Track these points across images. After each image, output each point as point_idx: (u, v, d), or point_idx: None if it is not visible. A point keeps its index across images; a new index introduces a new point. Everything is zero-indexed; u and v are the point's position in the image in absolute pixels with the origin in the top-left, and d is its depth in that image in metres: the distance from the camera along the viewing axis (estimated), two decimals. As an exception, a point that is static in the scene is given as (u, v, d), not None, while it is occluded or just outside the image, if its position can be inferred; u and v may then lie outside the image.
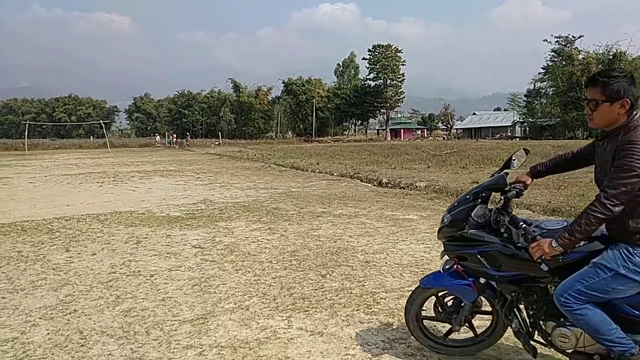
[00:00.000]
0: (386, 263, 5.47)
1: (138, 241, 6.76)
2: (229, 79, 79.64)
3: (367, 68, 73.80)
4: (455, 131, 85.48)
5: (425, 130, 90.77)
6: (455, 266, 3.02)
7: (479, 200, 2.97)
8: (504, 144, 35.25)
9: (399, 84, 73.96)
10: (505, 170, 3.08)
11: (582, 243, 2.56)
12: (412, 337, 3.37)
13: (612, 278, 2.44)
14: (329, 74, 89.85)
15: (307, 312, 4.11)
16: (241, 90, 76.77)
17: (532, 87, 63.50)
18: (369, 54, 72.85)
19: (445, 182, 12.31)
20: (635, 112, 2.44)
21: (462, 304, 3.11)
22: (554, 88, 57.21)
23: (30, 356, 3.38)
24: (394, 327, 3.59)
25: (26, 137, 46.50)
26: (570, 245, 2.46)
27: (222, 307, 4.24)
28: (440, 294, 3.26)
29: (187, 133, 63.02)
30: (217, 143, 52.60)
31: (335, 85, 79.58)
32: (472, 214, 2.91)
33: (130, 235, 7.12)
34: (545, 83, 60.41)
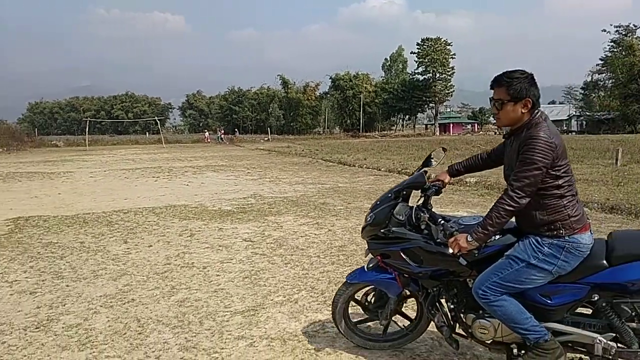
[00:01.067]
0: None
1: (191, 234, 6.98)
2: (278, 75, 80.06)
3: (416, 62, 72.64)
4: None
5: (476, 125, 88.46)
6: (379, 263, 3.10)
7: (400, 198, 3.03)
8: (560, 138, 33.84)
9: (449, 77, 72.38)
10: (425, 169, 3.19)
11: (496, 237, 2.68)
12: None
13: (525, 268, 2.58)
14: (376, 69, 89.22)
15: (355, 307, 4.13)
16: (289, 86, 77.29)
17: (589, 79, 60.85)
18: (417, 48, 71.69)
19: (496, 178, 11.97)
20: (536, 111, 2.60)
21: (388, 298, 3.19)
22: (613, 80, 54.61)
23: (93, 342, 3.58)
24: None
25: (87, 133, 48.76)
26: (484, 239, 2.58)
27: (271, 300, 4.33)
28: (366, 289, 3.35)
29: (235, 129, 64.14)
30: (266, 139, 53.32)
31: (383, 79, 78.74)
32: (394, 212, 2.97)
33: (184, 228, 7.37)
34: (603, 75, 57.71)
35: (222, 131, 57.36)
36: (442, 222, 2.85)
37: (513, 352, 2.77)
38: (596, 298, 2.60)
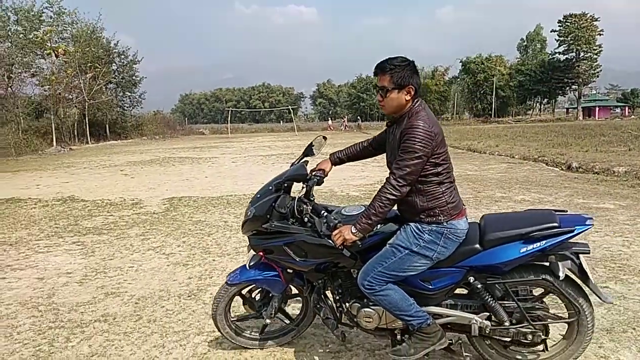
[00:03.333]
0: (575, 255, 5.05)
1: (321, 218, 7.28)
2: (406, 61, 78.61)
3: (557, 40, 66.56)
4: (668, 108, 72.69)
5: (627, 108, 78.86)
6: (261, 260, 3.01)
7: (282, 190, 2.92)
8: None
9: (595, 56, 65.23)
10: (306, 158, 3.13)
11: (379, 226, 2.69)
12: None
13: (408, 256, 2.61)
14: (511, 50, 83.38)
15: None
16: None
17: None
18: (558, 25, 65.64)
19: (652, 167, 10.69)
20: (417, 100, 2.63)
21: (272, 296, 3.11)
22: None
23: (236, 312, 3.91)
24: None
25: (229, 122, 52.76)
26: (368, 229, 2.58)
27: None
28: (248, 288, 3.23)
29: (358, 117, 64.67)
30: (392, 125, 52.96)
31: (518, 61, 73.55)
32: (276, 205, 2.86)
33: (314, 212, 7.71)
34: None
35: (345, 119, 58.40)
36: (325, 214, 2.82)
37: (397, 338, 2.84)
38: (472, 280, 2.71)
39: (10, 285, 4.83)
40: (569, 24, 64.66)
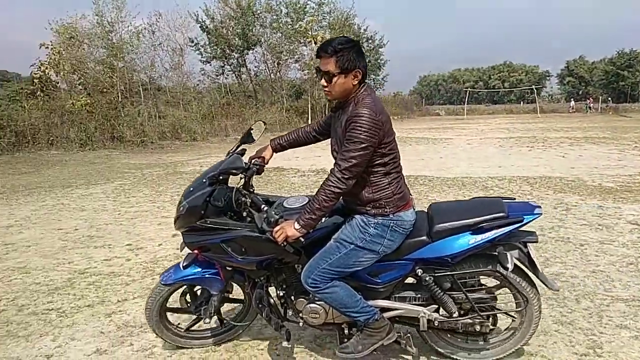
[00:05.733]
0: None
1: (567, 208, 6.69)
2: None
3: None
4: None
5: None
6: (197, 258, 2.82)
7: (217, 183, 2.64)
8: None
9: None
10: (243, 146, 2.89)
11: (323, 219, 2.48)
12: None
13: (353, 251, 2.48)
14: None
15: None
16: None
17: None
18: None
19: None
20: (363, 85, 2.44)
21: (211, 294, 2.91)
22: None
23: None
24: None
25: (466, 102, 51.55)
26: (313, 224, 2.41)
27: (663, 293, 3.82)
28: (185, 286, 3.01)
29: (609, 98, 55.39)
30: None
31: None
32: (212, 200, 2.60)
33: (559, 202, 7.12)
34: None
35: (591, 100, 51.04)
36: (266, 208, 2.62)
37: (344, 332, 2.76)
38: (420, 273, 2.62)
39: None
40: None
